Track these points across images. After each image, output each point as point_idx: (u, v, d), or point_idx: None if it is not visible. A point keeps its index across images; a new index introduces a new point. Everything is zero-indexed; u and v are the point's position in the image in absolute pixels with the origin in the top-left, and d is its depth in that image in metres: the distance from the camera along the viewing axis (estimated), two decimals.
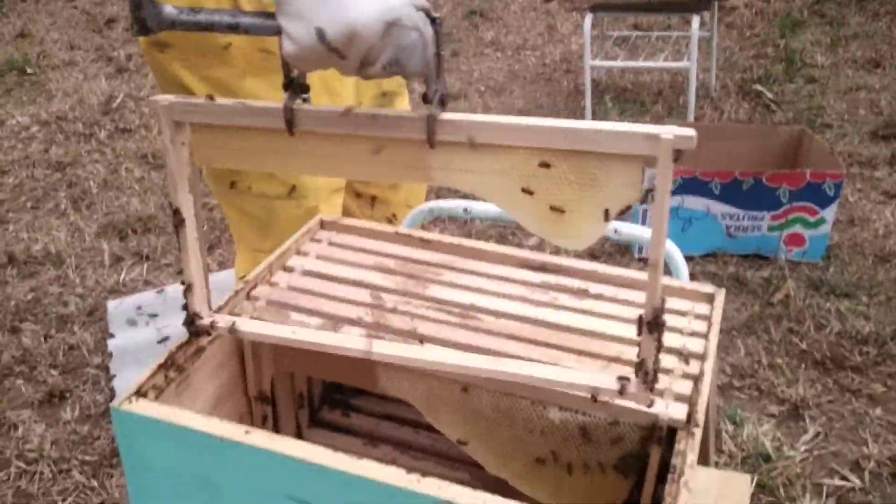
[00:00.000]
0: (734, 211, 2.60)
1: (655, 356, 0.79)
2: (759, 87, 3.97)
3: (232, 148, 0.86)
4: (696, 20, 3.48)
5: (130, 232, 2.96)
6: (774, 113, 3.75)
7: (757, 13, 5.08)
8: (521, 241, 2.80)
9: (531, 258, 1.13)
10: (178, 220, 0.89)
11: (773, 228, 2.60)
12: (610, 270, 1.10)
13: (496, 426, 0.97)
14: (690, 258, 2.61)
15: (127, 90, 4.31)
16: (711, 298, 1.07)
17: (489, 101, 4.12)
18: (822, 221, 2.57)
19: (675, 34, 4.05)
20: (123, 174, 3.43)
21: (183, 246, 0.90)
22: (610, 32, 4.36)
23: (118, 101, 4.18)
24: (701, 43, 3.71)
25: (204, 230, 0.87)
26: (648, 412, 0.87)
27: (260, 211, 1.35)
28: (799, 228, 2.59)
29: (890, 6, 4.96)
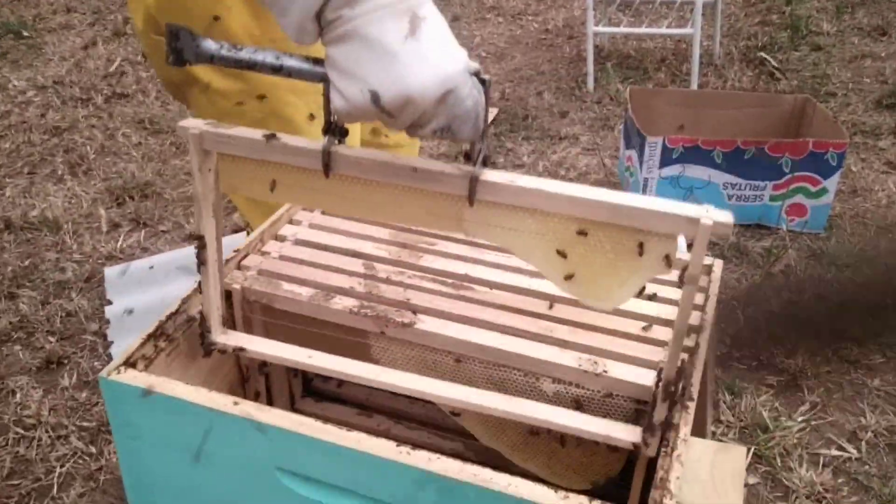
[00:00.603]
0: (736, 180, 2.58)
1: (666, 416, 0.81)
2: (763, 54, 3.92)
3: (261, 179, 0.84)
4: None
5: (128, 198, 2.94)
6: (779, 81, 3.71)
7: None
8: None
9: None
10: (200, 244, 0.88)
11: (774, 198, 2.58)
12: None
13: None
14: None
15: (124, 54, 4.27)
16: (709, 270, 1.06)
17: (490, 66, 4.08)
18: (824, 191, 2.55)
19: (678, 0, 3.99)
20: (121, 140, 3.40)
21: (203, 270, 0.90)
22: None
23: (115, 65, 4.14)
24: (705, 9, 3.66)
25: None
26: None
27: (273, 202, 1.31)
28: (801, 198, 2.57)
29: None
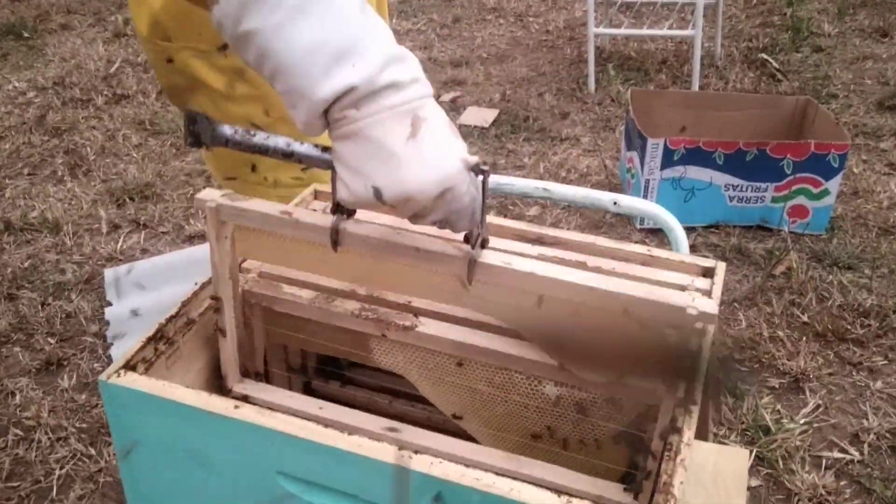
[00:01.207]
0: (737, 182, 2.57)
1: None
2: (764, 56, 3.92)
3: (274, 248, 0.90)
4: None
5: (128, 199, 2.94)
6: (780, 82, 3.71)
7: None
8: (521, 211, 2.78)
9: (529, 231, 1.11)
10: (217, 306, 0.92)
11: (776, 200, 2.58)
12: (608, 243, 1.08)
13: (491, 401, 0.95)
14: (693, 229, 2.59)
15: (125, 55, 4.26)
16: (712, 272, 1.05)
17: (491, 68, 4.08)
18: (825, 193, 2.54)
19: (680, 1, 3.99)
20: (121, 141, 3.40)
21: (221, 328, 0.94)
22: None
23: (116, 66, 4.13)
24: (706, 11, 3.66)
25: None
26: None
27: (278, 202, 1.31)
28: (802, 200, 2.56)
29: None
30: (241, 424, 0.79)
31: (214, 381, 1.00)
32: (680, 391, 0.82)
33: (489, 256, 0.81)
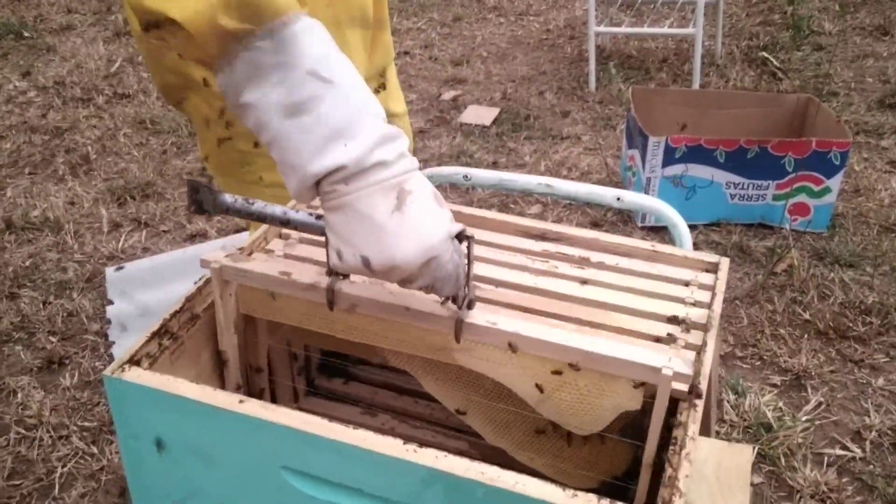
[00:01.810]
0: (739, 179, 2.57)
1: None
2: (765, 54, 3.92)
3: (275, 305, 0.95)
4: None
5: (129, 198, 2.94)
6: (781, 81, 3.71)
7: None
8: (522, 209, 2.78)
9: (532, 226, 1.11)
10: (224, 359, 0.98)
11: (777, 197, 2.58)
12: (611, 239, 1.08)
13: (495, 396, 0.95)
14: (694, 227, 2.59)
15: (125, 55, 4.26)
16: (715, 268, 1.05)
17: (491, 66, 4.08)
18: (827, 191, 2.54)
19: (680, 0, 3.99)
20: (122, 140, 3.40)
21: (227, 380, 1.00)
22: None
23: (116, 65, 4.13)
24: (707, 9, 3.66)
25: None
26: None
27: (274, 202, 1.30)
28: (804, 198, 2.57)
29: None
30: (245, 419, 0.79)
31: (219, 377, 1.01)
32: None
33: (475, 316, 0.86)
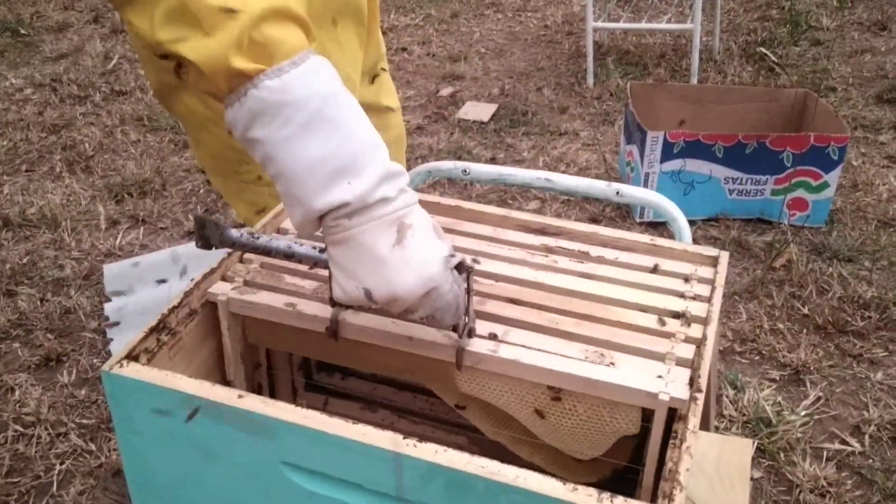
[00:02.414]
0: (737, 175, 2.57)
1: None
2: (763, 49, 3.92)
3: (282, 335, 0.97)
4: None
5: (126, 195, 2.93)
6: (779, 76, 3.70)
7: None
8: (521, 205, 2.78)
9: (531, 221, 1.11)
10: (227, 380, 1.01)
11: (776, 192, 2.58)
12: (611, 233, 1.08)
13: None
14: (692, 222, 2.59)
15: (122, 51, 4.25)
16: (715, 261, 1.05)
17: (489, 63, 4.07)
18: (825, 186, 2.54)
19: None
20: (119, 137, 3.39)
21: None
22: None
23: (114, 62, 4.12)
24: (705, 5, 3.65)
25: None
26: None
27: (271, 201, 1.29)
28: (802, 193, 2.56)
29: None
30: (244, 414, 0.79)
31: (217, 371, 1.00)
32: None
33: (476, 345, 0.88)
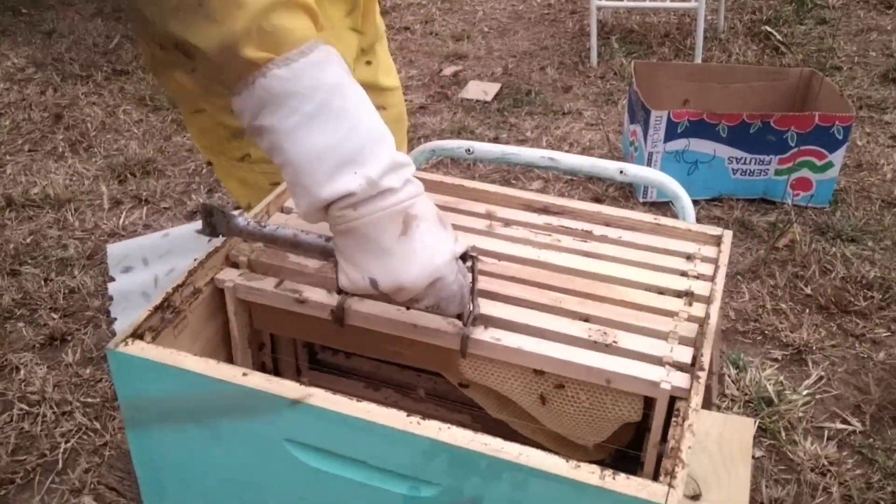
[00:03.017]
0: (741, 154, 2.56)
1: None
2: (768, 28, 3.89)
3: (288, 321, 0.98)
4: None
5: (129, 175, 2.93)
6: (784, 55, 3.68)
7: None
8: (524, 185, 2.77)
9: (535, 200, 1.11)
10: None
11: (780, 172, 2.57)
12: (614, 212, 1.08)
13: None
14: (696, 202, 2.57)
15: (124, 31, 4.24)
16: (718, 240, 1.05)
17: (492, 42, 4.05)
18: (829, 165, 2.53)
19: None
20: (122, 117, 3.39)
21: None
22: None
23: (115, 42, 4.11)
24: None
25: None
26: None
27: (261, 178, 1.29)
28: (806, 172, 2.56)
29: None
30: (248, 392, 0.79)
31: (222, 350, 1.01)
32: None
33: (481, 333, 0.88)
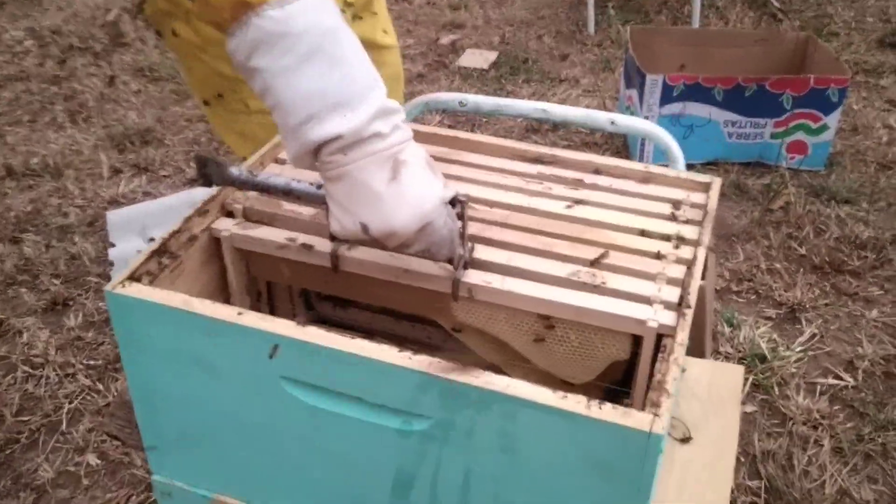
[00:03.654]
0: (736, 118, 2.57)
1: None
2: None
3: (283, 269, 1.00)
4: None
5: (129, 144, 2.94)
6: (781, 21, 3.68)
7: None
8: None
9: (527, 150, 1.12)
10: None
11: (775, 136, 2.58)
12: (605, 161, 1.09)
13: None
14: (692, 166, 2.59)
15: (122, 2, 4.22)
16: (707, 187, 1.06)
17: (490, 11, 4.04)
18: (824, 128, 2.54)
19: None
20: (120, 87, 3.39)
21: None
22: None
23: (113, 13, 4.10)
24: None
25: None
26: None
27: (259, 130, 1.31)
28: (801, 135, 2.57)
29: None
30: (244, 330, 0.81)
31: (219, 296, 1.03)
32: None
33: (472, 276, 0.90)
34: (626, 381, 0.99)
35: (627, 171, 1.09)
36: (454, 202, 0.85)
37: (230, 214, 1.01)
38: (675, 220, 1.00)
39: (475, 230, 0.97)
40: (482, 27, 3.87)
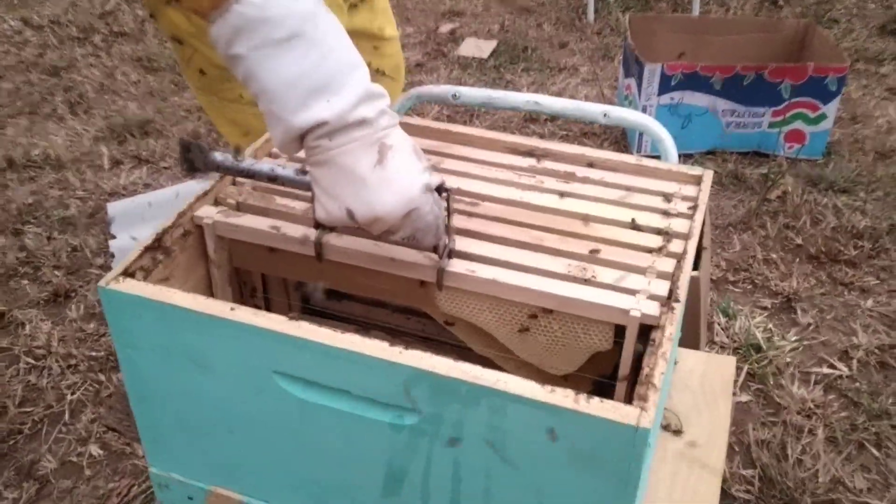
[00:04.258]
0: (735, 107, 2.57)
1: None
2: None
3: (266, 258, 1.00)
4: None
5: (129, 136, 2.95)
6: (781, 9, 3.67)
7: None
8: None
9: (520, 143, 1.12)
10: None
11: (773, 125, 2.58)
12: (597, 154, 1.10)
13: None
14: (689, 156, 2.60)
15: None
16: (699, 180, 1.07)
17: None
18: (823, 117, 2.54)
19: None
20: (120, 78, 3.39)
21: None
22: None
23: (112, 3, 4.10)
24: None
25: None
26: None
27: (253, 120, 1.32)
28: (799, 124, 2.56)
29: None
30: (237, 325, 0.82)
31: (212, 291, 1.03)
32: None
33: (456, 265, 0.90)
34: (616, 374, 1.00)
35: (619, 163, 1.09)
36: (440, 190, 0.85)
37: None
38: (666, 213, 1.01)
39: (465, 224, 0.98)
40: (481, 15, 3.86)
